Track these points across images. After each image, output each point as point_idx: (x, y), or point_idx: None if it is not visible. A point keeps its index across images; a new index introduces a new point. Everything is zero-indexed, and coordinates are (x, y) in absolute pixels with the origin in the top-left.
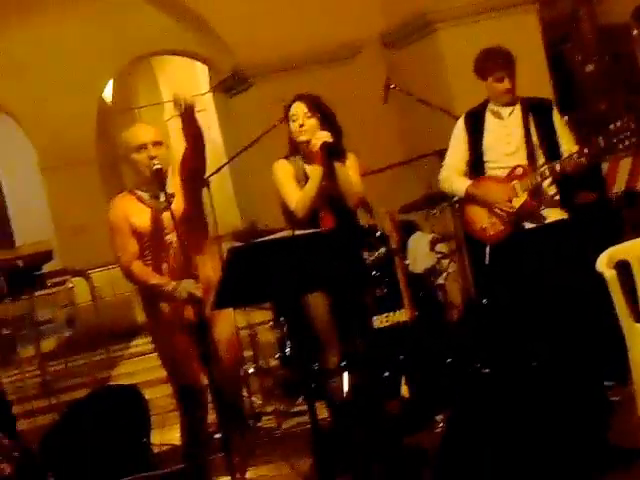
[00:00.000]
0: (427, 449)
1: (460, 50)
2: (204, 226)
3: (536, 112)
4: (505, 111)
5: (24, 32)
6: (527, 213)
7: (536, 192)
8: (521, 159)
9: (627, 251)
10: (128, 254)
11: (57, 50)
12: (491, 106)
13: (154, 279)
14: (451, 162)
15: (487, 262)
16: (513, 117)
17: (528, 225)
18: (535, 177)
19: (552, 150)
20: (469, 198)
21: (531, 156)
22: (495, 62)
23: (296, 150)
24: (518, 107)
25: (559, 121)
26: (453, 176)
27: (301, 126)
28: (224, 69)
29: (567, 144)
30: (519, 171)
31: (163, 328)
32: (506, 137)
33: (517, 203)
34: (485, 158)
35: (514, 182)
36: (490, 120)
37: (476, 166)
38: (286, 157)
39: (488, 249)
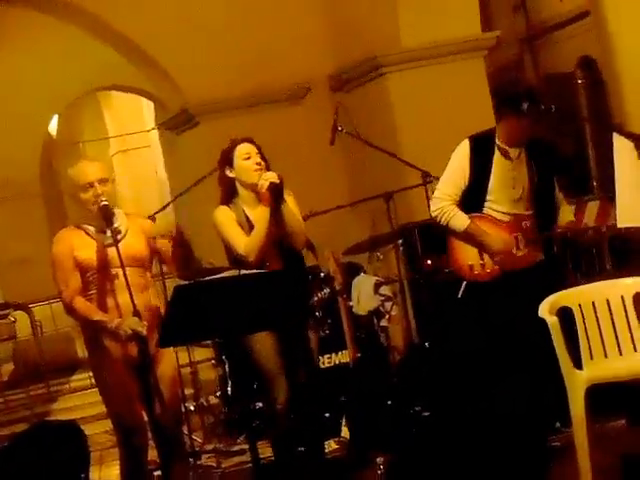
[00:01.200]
0: None
1: (408, 94)
2: (150, 264)
3: (541, 155)
4: (514, 152)
5: None
6: (521, 263)
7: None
8: (524, 208)
9: (569, 298)
10: (70, 289)
11: (3, 83)
12: (500, 143)
13: (97, 315)
14: (448, 191)
15: (460, 296)
16: (520, 160)
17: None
18: (542, 236)
19: (548, 198)
20: (465, 236)
21: (532, 202)
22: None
23: (232, 194)
24: (523, 154)
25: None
26: (452, 209)
27: (258, 164)
28: (171, 106)
29: (560, 195)
30: (525, 224)
31: (105, 365)
32: (512, 181)
33: (518, 254)
34: (488, 197)
35: (519, 234)
36: (498, 157)
37: (473, 198)
38: (224, 203)
39: (464, 284)
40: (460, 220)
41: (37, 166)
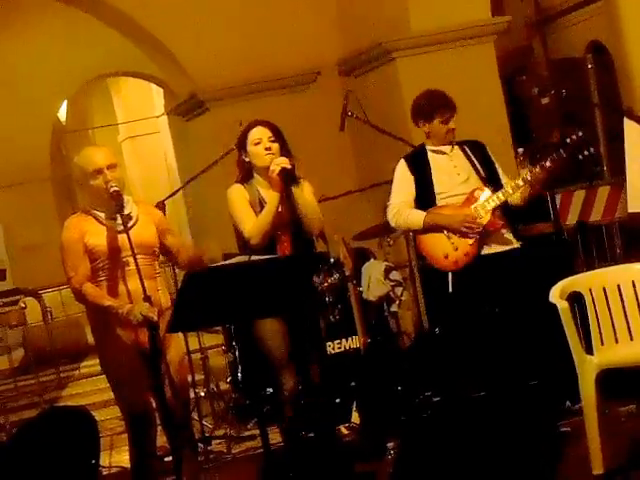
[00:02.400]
0: (378, 476)
1: (417, 79)
2: (158, 254)
3: (473, 149)
4: (446, 148)
5: None
6: (491, 233)
7: (497, 212)
8: (475, 185)
9: (580, 283)
10: (80, 275)
11: (12, 68)
12: (430, 147)
13: (107, 301)
14: (399, 199)
15: (450, 290)
16: (455, 153)
17: (485, 251)
18: (498, 196)
19: (496, 181)
20: (427, 227)
21: (484, 180)
22: (444, 104)
23: (249, 175)
24: (456, 146)
25: (493, 159)
26: (405, 210)
27: (267, 149)
28: (180, 92)
29: (504, 177)
30: (478, 194)
31: (114, 353)
32: (454, 168)
33: (482, 221)
34: (437, 190)
35: (474, 205)
36: (434, 157)
37: (425, 200)
38: (240, 182)
39: (451, 276)
40: (416, 215)
41: (47, 152)
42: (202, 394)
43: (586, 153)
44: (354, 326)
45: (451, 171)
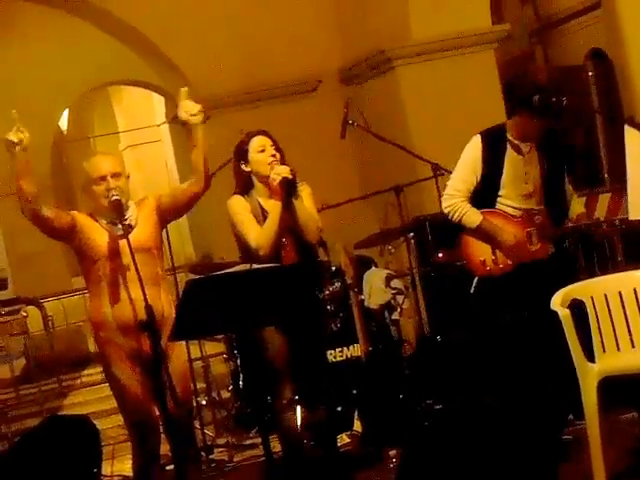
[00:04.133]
0: None
1: (418, 87)
2: (160, 258)
3: (547, 148)
4: (525, 147)
5: None
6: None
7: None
8: (536, 203)
9: (581, 290)
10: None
11: (13, 77)
12: (511, 138)
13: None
14: (460, 187)
15: (472, 291)
16: (532, 155)
17: None
18: (556, 231)
19: (557, 200)
20: (478, 231)
21: (548, 199)
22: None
23: (248, 186)
24: (533, 149)
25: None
26: (464, 205)
27: (273, 156)
28: None
29: (574, 200)
30: (538, 219)
31: (116, 363)
32: (524, 176)
33: (532, 249)
34: (500, 193)
35: (532, 229)
36: (510, 154)
37: (486, 195)
38: (239, 193)
39: (476, 279)
40: (473, 217)
41: (48, 160)
42: (204, 402)
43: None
44: (355, 334)
45: (520, 178)
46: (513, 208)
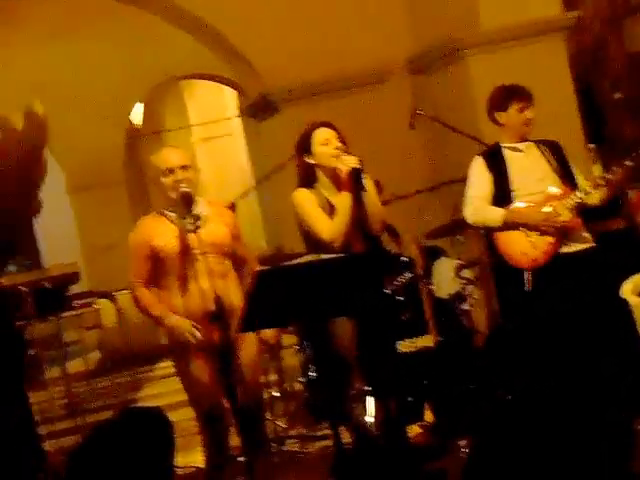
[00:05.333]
0: (449, 474)
1: (488, 76)
2: (230, 252)
3: (548, 148)
4: (522, 145)
5: (51, 51)
6: (571, 231)
7: (578, 211)
8: (551, 183)
9: None
10: (138, 278)
11: (86, 71)
12: (505, 145)
13: (155, 310)
14: (477, 194)
15: (528, 288)
16: (531, 150)
17: (564, 250)
18: (577, 195)
19: (571, 181)
20: (506, 225)
21: (562, 178)
22: (519, 92)
23: (311, 179)
24: (532, 144)
25: (569, 159)
26: (485, 206)
27: (338, 149)
28: (252, 94)
29: (580, 177)
30: (557, 193)
31: (186, 355)
32: (531, 165)
33: (563, 219)
34: (513, 187)
35: (554, 203)
36: (509, 155)
37: (501, 197)
38: (302, 186)
39: (528, 275)
40: (495, 212)
41: (121, 154)
42: (276, 394)
43: None
44: (426, 325)
45: (527, 168)
46: (532, 194)
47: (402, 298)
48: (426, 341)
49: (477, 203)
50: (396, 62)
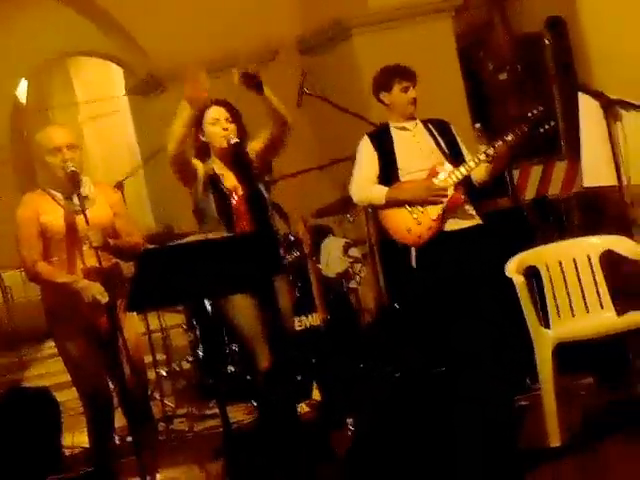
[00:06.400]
0: (337, 452)
1: (376, 56)
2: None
3: (437, 127)
4: (409, 124)
5: None
6: (454, 208)
7: (463, 187)
8: (438, 160)
9: (536, 257)
10: (34, 253)
11: None
12: (393, 124)
13: (61, 277)
14: (362, 174)
15: (414, 265)
16: (419, 129)
17: (449, 227)
18: (461, 170)
19: (458, 158)
20: (390, 202)
21: (447, 157)
22: (402, 73)
23: (205, 154)
24: (419, 122)
25: (458, 138)
26: (368, 185)
27: (225, 129)
28: (139, 72)
29: (469, 156)
30: (440, 168)
31: (68, 337)
32: (417, 144)
33: (440, 185)
34: (399, 165)
35: (437, 178)
36: (397, 134)
37: (388, 176)
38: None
39: (414, 252)
40: (378, 190)
41: (6, 132)
42: (164, 373)
43: (547, 127)
44: (314, 303)
45: (414, 147)
46: (418, 171)
47: (290, 277)
48: (314, 319)
49: (362, 182)
50: (285, 41)
